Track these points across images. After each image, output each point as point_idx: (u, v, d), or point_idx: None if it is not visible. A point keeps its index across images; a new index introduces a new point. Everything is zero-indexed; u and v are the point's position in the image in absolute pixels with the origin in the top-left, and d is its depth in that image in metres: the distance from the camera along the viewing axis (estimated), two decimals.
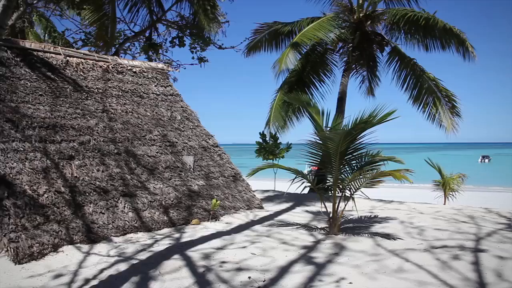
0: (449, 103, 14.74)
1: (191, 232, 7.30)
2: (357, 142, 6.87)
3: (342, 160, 6.85)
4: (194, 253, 5.94)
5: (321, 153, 7.19)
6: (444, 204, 12.61)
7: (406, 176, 6.33)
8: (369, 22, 15.99)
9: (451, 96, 14.71)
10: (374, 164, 7.01)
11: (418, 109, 15.41)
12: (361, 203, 9.81)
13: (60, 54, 9.12)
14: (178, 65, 18.33)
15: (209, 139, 10.51)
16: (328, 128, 7.17)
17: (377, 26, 16.35)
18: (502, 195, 26.79)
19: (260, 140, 15.44)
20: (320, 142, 7.00)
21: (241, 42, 17.48)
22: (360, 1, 15.66)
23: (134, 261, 5.58)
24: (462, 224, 7.87)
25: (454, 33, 13.64)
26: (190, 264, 5.49)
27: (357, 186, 6.97)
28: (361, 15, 15.70)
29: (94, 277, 4.99)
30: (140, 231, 7.16)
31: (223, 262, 5.58)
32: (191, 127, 10.39)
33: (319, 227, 7.64)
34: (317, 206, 9.37)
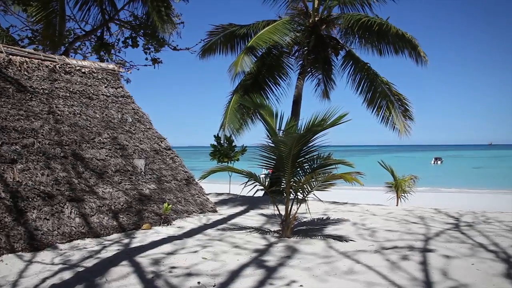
0: (402, 106, 15.12)
1: (142, 237, 7.10)
2: (309, 145, 6.87)
3: (294, 163, 6.82)
4: (143, 259, 5.76)
5: (274, 156, 7.13)
6: (397, 205, 12.88)
7: (357, 179, 6.38)
8: (324, 26, 16.15)
9: (403, 100, 15.10)
10: (326, 167, 7.02)
11: (372, 112, 15.75)
12: (315, 205, 9.85)
13: (1, 52, 8.69)
14: (132, 66, 17.99)
15: (161, 141, 10.31)
16: (281, 131, 7.14)
17: (332, 30, 16.56)
18: (453, 196, 27.71)
19: (215, 143, 15.29)
20: (273, 145, 6.96)
21: (196, 44, 17.32)
22: (316, 5, 15.80)
23: (80, 269, 5.35)
24: (412, 225, 8.02)
25: (407, 39, 14.01)
26: (138, 270, 5.31)
27: (310, 189, 6.96)
28: (316, 19, 15.84)
29: (35, 287, 4.74)
30: (88, 237, 6.89)
31: (173, 267, 5.44)
32: (143, 129, 10.16)
33: (272, 230, 7.61)
34: (272, 209, 9.33)
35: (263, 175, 8.02)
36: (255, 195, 8.17)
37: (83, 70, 10.09)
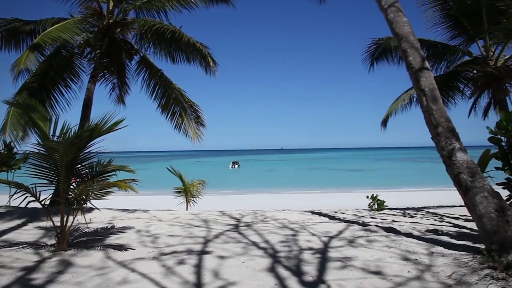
0: (194, 113, 15.60)
1: None
2: (86, 151, 6.52)
3: (69, 171, 6.41)
4: None
5: (47, 164, 6.56)
6: (187, 209, 13.18)
7: (131, 186, 6.30)
8: (118, 30, 15.67)
9: (195, 107, 15.62)
10: (105, 174, 6.77)
11: (166, 117, 15.88)
12: (102, 214, 9.49)
13: None
14: None
15: None
16: (56, 137, 6.61)
17: (127, 35, 16.17)
18: (246, 197, 29.59)
19: None
20: (45, 152, 6.40)
21: None
22: (111, 7, 15.25)
23: None
24: (195, 228, 8.26)
25: (197, 48, 14.45)
26: None
27: (87, 198, 6.61)
28: (110, 21, 15.29)
29: None
30: None
31: None
32: None
33: (49, 244, 7.02)
34: (55, 221, 8.64)
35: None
36: (26, 206, 7.40)
37: None
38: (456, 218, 9.91)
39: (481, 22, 12.66)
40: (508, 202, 6.91)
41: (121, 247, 6.66)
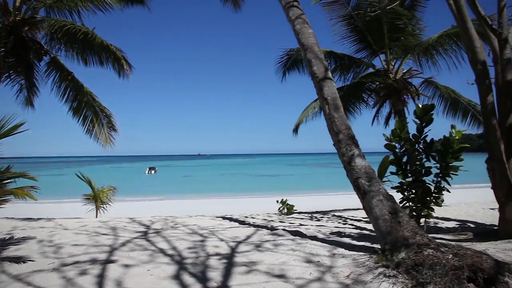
0: (106, 118, 15.18)
1: None
2: None
3: None
4: None
5: None
6: (96, 217, 12.78)
7: (30, 194, 6.04)
8: (26, 28, 14.86)
9: (107, 111, 15.22)
10: (3, 181, 6.41)
11: (78, 121, 15.31)
12: (1, 224, 8.95)
13: None
14: None
15: None
16: None
17: (36, 34, 15.37)
18: (162, 203, 29.02)
19: None
20: None
21: None
22: (18, 4, 14.42)
23: None
24: (102, 236, 8.04)
25: (111, 50, 14.09)
26: None
27: None
28: (17, 18, 14.44)
29: None
30: None
31: None
32: None
33: None
34: None
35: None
36: None
37: None
38: (359, 221, 10.52)
39: (383, 38, 13.59)
40: (400, 205, 7.42)
41: (19, 259, 6.31)
